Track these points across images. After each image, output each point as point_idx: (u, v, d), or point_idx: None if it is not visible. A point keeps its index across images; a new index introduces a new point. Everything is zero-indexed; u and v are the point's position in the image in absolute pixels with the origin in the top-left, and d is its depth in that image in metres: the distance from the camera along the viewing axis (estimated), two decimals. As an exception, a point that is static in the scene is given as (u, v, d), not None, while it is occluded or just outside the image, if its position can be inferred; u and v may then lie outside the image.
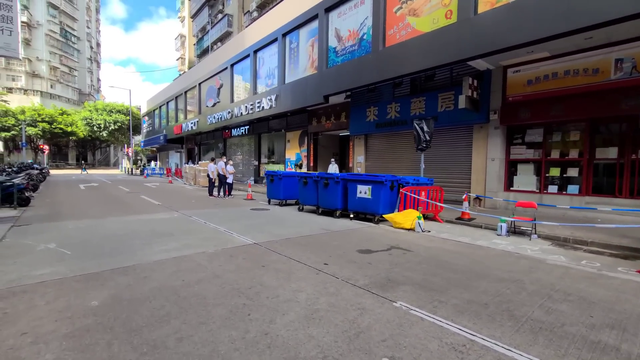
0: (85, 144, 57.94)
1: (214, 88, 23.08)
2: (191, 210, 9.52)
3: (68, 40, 62.21)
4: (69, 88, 63.12)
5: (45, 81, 57.13)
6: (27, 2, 53.32)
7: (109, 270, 4.12)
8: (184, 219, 8.05)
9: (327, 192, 8.89)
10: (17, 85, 53.97)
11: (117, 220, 7.79)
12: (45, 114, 45.82)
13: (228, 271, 4.13)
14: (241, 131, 22.34)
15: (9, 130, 41.92)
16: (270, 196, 11.43)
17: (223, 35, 32.38)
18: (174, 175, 27.83)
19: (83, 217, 8.16)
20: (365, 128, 13.48)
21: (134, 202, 11.32)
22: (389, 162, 13.12)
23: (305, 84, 14.24)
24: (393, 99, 12.46)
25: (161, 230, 6.72)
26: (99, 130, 46.51)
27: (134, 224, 7.38)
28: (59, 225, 7.11)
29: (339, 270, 4.26)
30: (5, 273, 3.96)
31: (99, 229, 6.75)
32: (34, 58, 55.42)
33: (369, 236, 6.48)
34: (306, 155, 17.28)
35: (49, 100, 54.88)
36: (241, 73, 19.99)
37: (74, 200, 11.69)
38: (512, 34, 7.44)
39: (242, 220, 8.09)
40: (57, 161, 55.28)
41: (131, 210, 9.37)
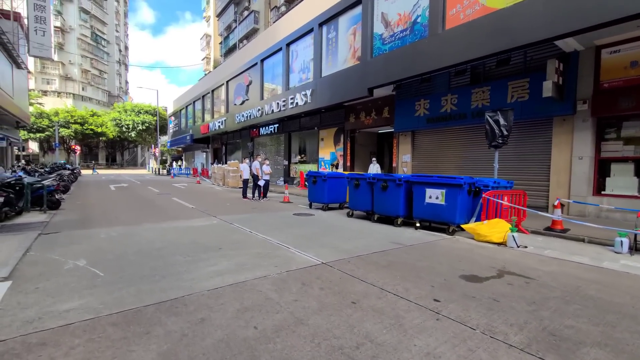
0: (114, 144, 59.38)
1: (243, 85, 22.33)
2: (229, 216, 8.56)
3: (98, 44, 64.05)
4: (99, 90, 64.99)
5: (77, 84, 58.98)
6: (61, 8, 55.15)
7: (154, 305, 3.10)
8: (225, 227, 7.07)
9: (385, 196, 7.67)
10: (51, 88, 55.98)
11: (153, 228, 6.90)
12: (77, 116, 47.07)
13: (310, 311, 3.01)
14: (270, 130, 21.46)
15: (43, 132, 43.28)
16: (312, 199, 10.33)
17: (249, 32, 31.75)
18: (201, 175, 27.41)
19: (115, 223, 7.35)
20: (414, 123, 12.14)
21: (167, 206, 10.53)
22: (440, 161, 11.72)
23: (345, 76, 13.06)
24: (449, 90, 11.05)
25: (204, 241, 5.73)
26: (127, 131, 47.31)
27: (172, 233, 6.45)
28: (90, 233, 6.28)
29: (464, 312, 3.04)
30: (23, 307, 3.02)
31: (134, 239, 5.85)
32: (66, 62, 57.33)
33: (456, 253, 5.22)
34: (342, 154, 16.11)
35: (80, 102, 56.59)
36: (272, 69, 19.07)
37: (105, 203, 11.06)
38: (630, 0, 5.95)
39: (291, 228, 7.01)
40: (88, 161, 56.93)
41: (165, 215, 8.52)
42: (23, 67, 22.01)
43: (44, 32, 20.46)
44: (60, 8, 55.14)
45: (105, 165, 59.86)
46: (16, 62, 21.02)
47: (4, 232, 6.19)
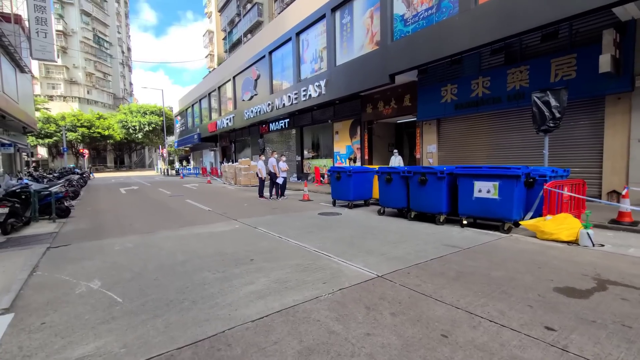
0: (121, 146, 59.31)
1: (251, 80, 21.58)
2: (251, 218, 7.89)
3: (101, 46, 63.75)
4: (104, 93, 64.84)
5: (82, 87, 58.85)
6: (62, 11, 54.80)
7: (189, 347, 2.41)
8: (250, 232, 6.39)
9: (424, 191, 6.90)
10: (56, 93, 55.93)
11: (171, 236, 6.25)
12: (84, 119, 46.90)
13: (395, 351, 2.29)
14: (280, 125, 20.72)
15: (51, 137, 43.20)
16: (336, 196, 9.61)
17: (253, 25, 30.88)
18: (212, 175, 26.86)
19: (130, 231, 6.72)
20: (439, 111, 11.28)
21: (182, 209, 9.90)
22: (469, 150, 10.87)
23: (363, 63, 12.22)
24: (480, 72, 10.16)
25: (231, 251, 5.05)
26: (134, 132, 47.04)
27: (193, 241, 5.79)
28: (102, 245, 5.66)
29: (598, 347, 2.29)
30: (26, 355, 2.36)
31: (152, 251, 5.20)
32: (70, 66, 57.16)
33: (528, 257, 4.44)
34: (359, 147, 15.31)
35: (86, 106, 56.48)
36: (281, 61, 18.26)
37: (117, 208, 10.48)
38: None
39: (323, 231, 6.30)
40: (96, 164, 56.98)
41: (182, 220, 7.88)
42: (27, 70, 21.54)
43: (45, 33, 19.92)
44: (62, 11, 54.80)
45: (114, 167, 59.90)
46: (19, 66, 20.54)
47: (10, 246, 5.60)
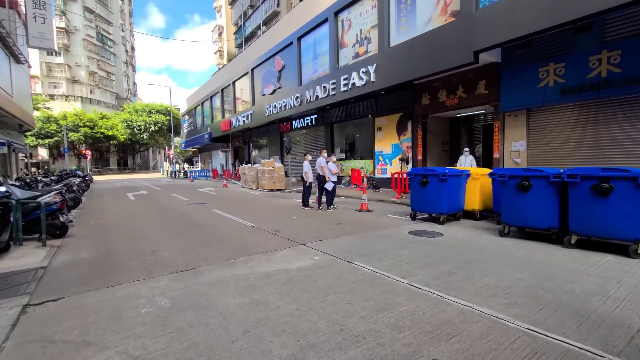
0: (125, 148, 57.18)
1: (273, 71, 19.28)
2: (323, 242, 5.54)
3: (104, 45, 61.80)
4: (108, 92, 62.82)
5: (85, 86, 56.82)
6: (64, 7, 52.86)
7: None
8: (347, 272, 4.03)
9: (604, 206, 4.53)
10: (58, 92, 53.88)
11: (226, 278, 3.91)
12: (87, 119, 44.78)
13: None
14: (307, 122, 18.41)
15: (52, 137, 41.05)
16: (418, 207, 7.26)
17: (269, 17, 28.70)
18: (224, 177, 24.53)
19: (156, 267, 4.38)
20: (534, 98, 8.92)
21: (215, 224, 7.56)
22: (576, 148, 8.50)
23: (431, 40, 9.89)
24: (602, 45, 7.80)
25: (363, 327, 2.69)
26: (139, 133, 44.86)
27: (268, 292, 3.43)
28: (117, 301, 3.32)
29: None
30: None
31: (210, 323, 2.85)
32: (73, 64, 55.14)
33: None
34: (410, 145, 12.96)
35: (89, 106, 54.40)
36: (312, 47, 15.95)
37: (129, 222, 8.15)
38: None
39: (466, 270, 3.94)
40: (99, 167, 54.83)
41: (227, 245, 5.53)
42: (23, 61, 19.33)
43: (44, 19, 17.72)
44: (64, 8, 52.84)
45: (117, 170, 57.73)
46: (14, 55, 18.31)
47: (-40, 304, 3.27)
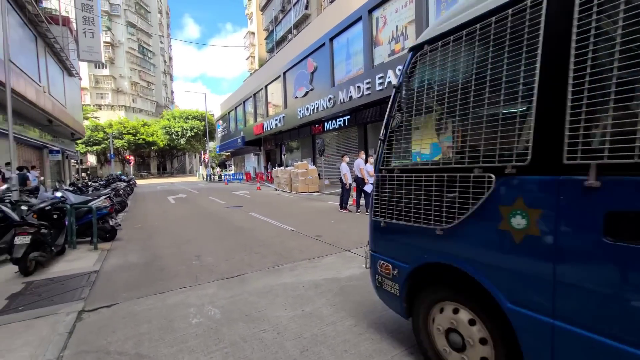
0: (164, 153, 60.13)
1: (305, 74, 19.26)
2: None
3: (145, 56, 65.56)
4: (148, 101, 66.53)
5: (128, 96, 60.56)
6: (109, 23, 56.74)
7: None
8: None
9: None
10: (104, 102, 57.85)
11: (273, 287, 3.73)
12: (130, 126, 47.62)
13: None
14: (339, 123, 18.13)
15: (99, 144, 44.05)
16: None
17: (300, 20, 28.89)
18: (257, 180, 24.89)
19: (203, 274, 4.31)
20: None
21: (254, 227, 7.50)
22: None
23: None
24: None
25: (438, 352, 2.36)
26: (177, 138, 46.96)
27: (327, 310, 3.20)
28: (167, 309, 3.24)
29: None
30: None
31: (265, 338, 2.66)
32: (117, 75, 59.00)
33: None
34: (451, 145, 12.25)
35: (132, 114, 57.89)
36: (345, 47, 15.70)
37: (171, 226, 8.33)
38: None
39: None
40: (141, 171, 58.09)
41: (269, 250, 5.40)
42: (74, 74, 20.82)
43: (92, 33, 18.94)
44: (109, 24, 56.74)
45: (157, 174, 60.83)
46: (67, 69, 19.78)
47: (25, 304, 3.34)
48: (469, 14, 1.78)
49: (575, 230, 1.38)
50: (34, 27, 14.24)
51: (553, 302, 1.43)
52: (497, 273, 1.65)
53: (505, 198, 1.60)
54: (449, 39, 1.89)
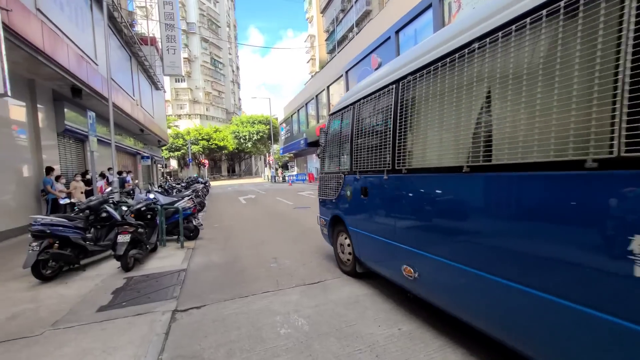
0: (233, 156, 64.54)
1: (369, 70, 18.72)
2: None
3: (216, 68, 71.26)
4: (219, 109, 72.19)
5: (202, 105, 66.43)
6: (187, 41, 62.87)
7: None
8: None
9: None
10: (183, 112, 64.29)
11: (362, 300, 3.42)
12: (204, 133, 52.10)
13: None
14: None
15: (179, 150, 49.00)
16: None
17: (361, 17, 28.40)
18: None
19: (283, 277, 4.19)
20: None
21: (325, 229, 7.31)
22: None
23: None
24: None
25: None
26: (244, 142, 50.00)
27: (429, 333, 2.78)
28: (253, 314, 3.13)
29: None
30: None
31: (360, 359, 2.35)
32: (193, 87, 65.12)
33: None
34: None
35: (205, 121, 63.35)
36: (413, 39, 14.83)
37: (246, 226, 8.60)
38: None
39: None
40: (213, 173, 63.22)
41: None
42: (160, 87, 23.31)
43: (174, 50, 20.97)
44: (187, 41, 62.90)
45: (227, 176, 65.58)
46: (154, 84, 22.19)
47: (124, 301, 3.55)
48: (341, 103, 4.15)
49: (345, 190, 3.97)
50: (129, 48, 16.22)
51: (357, 224, 3.76)
52: (349, 216, 3.93)
53: (345, 183, 3.91)
54: (343, 110, 4.05)
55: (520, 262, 1.80)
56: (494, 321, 2.03)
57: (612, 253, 1.43)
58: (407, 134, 2.76)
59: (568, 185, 1.59)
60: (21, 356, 2.60)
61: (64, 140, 10.85)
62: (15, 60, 7.26)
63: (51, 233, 4.44)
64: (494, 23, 1.95)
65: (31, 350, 2.67)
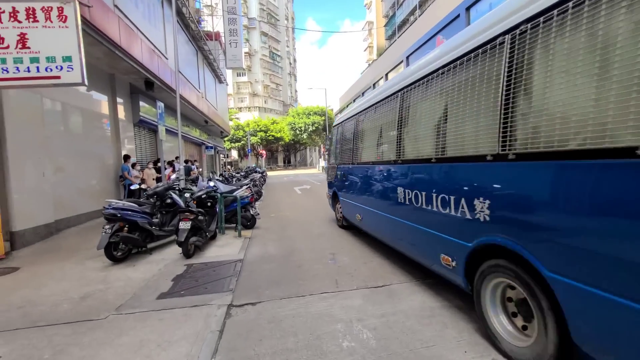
0: (289, 147, 66.14)
1: (433, 54, 17.27)
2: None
3: (274, 61, 73.16)
4: (276, 101, 74.28)
5: (261, 98, 68.93)
6: (248, 36, 65.38)
7: None
8: None
9: None
10: (243, 105, 67.42)
11: (439, 313, 2.89)
12: (262, 125, 54.07)
13: None
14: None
15: (239, 141, 51.58)
16: None
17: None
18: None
19: (341, 278, 3.81)
20: None
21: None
22: None
23: None
24: None
25: None
26: (300, 133, 50.79)
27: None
28: (311, 321, 2.80)
29: None
30: None
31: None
32: (253, 81, 67.79)
33: None
34: None
35: (263, 114, 65.71)
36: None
37: (302, 217, 8.43)
38: None
39: None
40: (270, 164, 65.58)
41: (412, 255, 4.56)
42: (223, 80, 24.42)
43: (236, 43, 21.68)
44: (247, 36, 65.42)
45: (283, 166, 67.57)
46: (218, 77, 23.28)
47: (179, 291, 3.50)
48: (335, 122, 6.99)
49: (337, 175, 6.62)
50: (195, 43, 17.08)
51: (342, 195, 6.14)
52: (339, 191, 6.32)
53: (337, 170, 6.45)
54: (337, 125, 6.56)
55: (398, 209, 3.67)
56: (390, 237, 4.13)
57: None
58: (358, 144, 5.20)
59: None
60: (85, 340, 2.60)
61: (139, 131, 11.78)
62: (98, 56, 7.88)
63: (121, 217, 4.64)
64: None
65: (94, 335, 2.67)
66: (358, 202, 5.09)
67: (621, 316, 1.47)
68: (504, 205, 2.11)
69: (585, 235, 1.63)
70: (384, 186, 4.04)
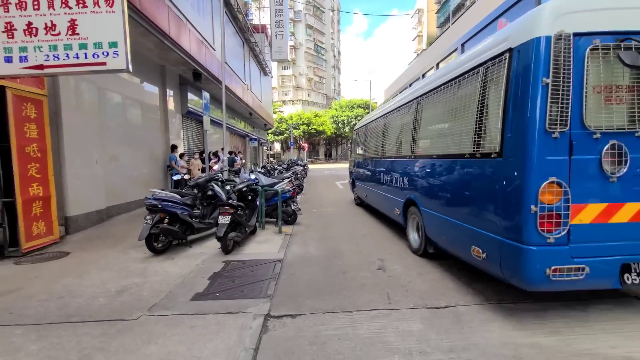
0: (330, 140, 65.75)
1: (494, 40, 15.62)
2: None
3: (318, 53, 72.78)
4: (319, 94, 74.05)
5: (304, 91, 69.12)
6: (293, 29, 65.63)
7: None
8: None
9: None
10: (287, 98, 68.13)
11: (525, 353, 2.26)
12: (305, 118, 54.20)
13: None
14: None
15: (282, 134, 52.23)
16: None
17: (483, -21, 24.12)
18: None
19: (394, 292, 3.27)
20: None
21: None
22: None
23: None
24: None
25: None
26: (343, 127, 50.13)
27: None
28: (360, 348, 2.31)
29: None
30: None
31: None
32: (297, 74, 68.12)
33: None
34: None
35: (307, 107, 65.86)
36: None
37: (345, 214, 7.96)
38: None
39: None
40: (311, 157, 65.76)
41: (475, 267, 3.88)
42: (268, 72, 24.54)
43: (282, 35, 21.55)
44: (293, 29, 65.67)
45: (324, 159, 67.44)
46: (264, 70, 23.41)
47: (217, 294, 3.21)
48: (356, 126, 10.12)
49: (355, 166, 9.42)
50: (242, 35, 17.18)
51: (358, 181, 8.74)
52: (355, 178, 9.10)
53: (355, 164, 9.28)
54: (358, 129, 9.41)
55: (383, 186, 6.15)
56: (381, 207, 6.47)
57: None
58: (367, 145, 7.74)
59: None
60: (112, 345, 2.38)
61: (186, 121, 12.06)
62: (149, 47, 7.99)
63: (162, 208, 4.51)
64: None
65: (122, 340, 2.44)
66: (366, 184, 7.57)
67: (439, 221, 3.73)
68: (412, 180, 4.63)
69: (432, 192, 4.07)
70: (374, 173, 6.76)
